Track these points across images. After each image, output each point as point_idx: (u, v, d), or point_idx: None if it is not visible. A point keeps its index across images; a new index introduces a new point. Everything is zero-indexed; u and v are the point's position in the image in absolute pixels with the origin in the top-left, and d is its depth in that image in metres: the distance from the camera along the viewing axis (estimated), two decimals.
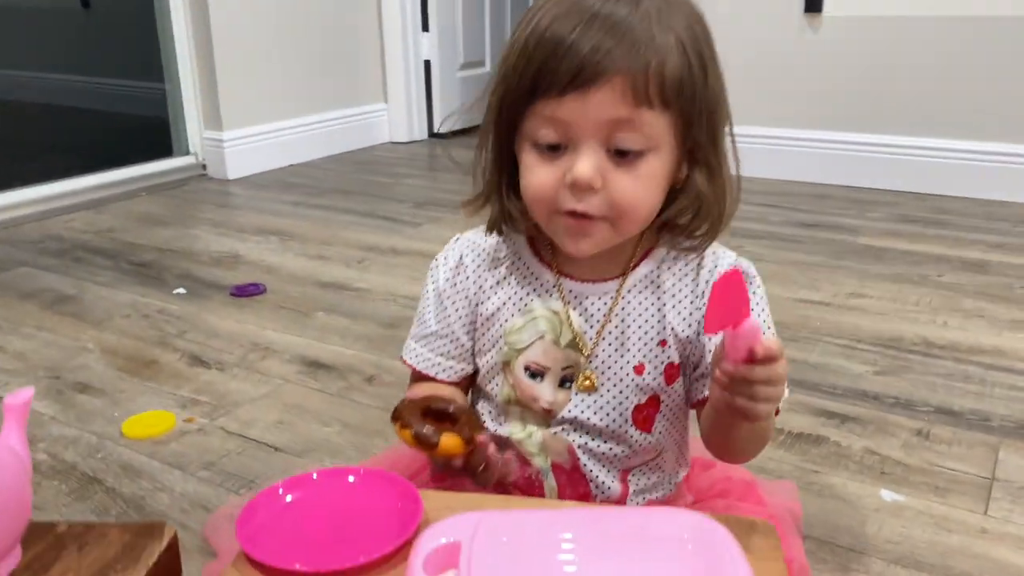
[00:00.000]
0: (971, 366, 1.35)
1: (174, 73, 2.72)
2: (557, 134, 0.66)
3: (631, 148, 0.65)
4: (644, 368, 0.75)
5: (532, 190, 0.69)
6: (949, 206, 2.25)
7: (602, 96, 0.63)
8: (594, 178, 0.64)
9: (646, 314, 0.75)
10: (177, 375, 1.38)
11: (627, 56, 0.62)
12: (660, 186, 0.68)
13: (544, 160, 0.67)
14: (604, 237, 0.69)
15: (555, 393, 0.76)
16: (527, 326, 0.75)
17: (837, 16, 2.38)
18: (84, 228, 2.21)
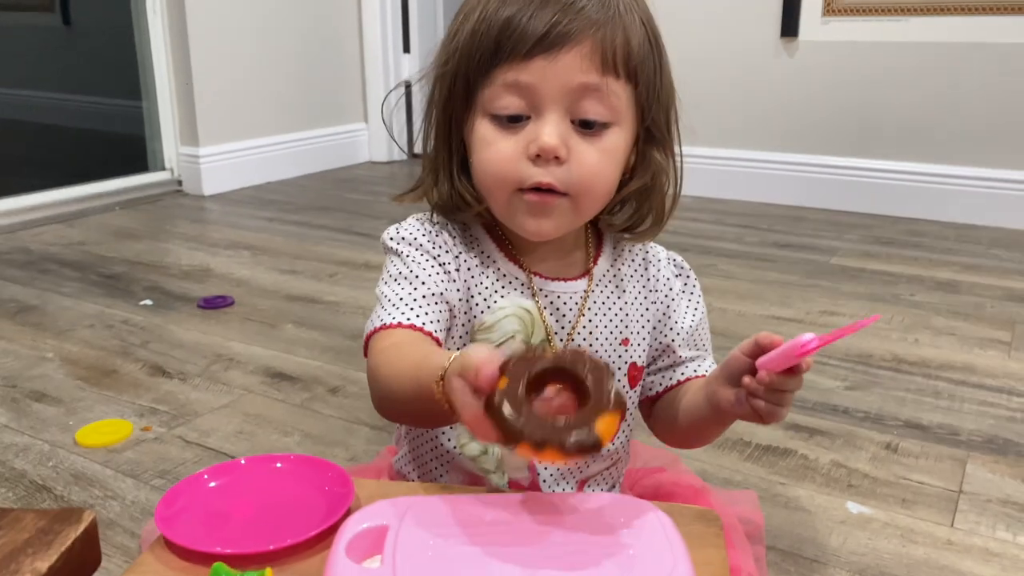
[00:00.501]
0: (940, 382, 1.35)
1: (152, 90, 2.71)
2: (520, 102, 0.63)
3: (597, 119, 0.63)
4: None
5: (492, 165, 0.65)
6: (922, 229, 2.26)
7: (571, 59, 0.61)
8: (560, 147, 0.62)
9: (610, 313, 0.74)
10: (137, 385, 1.35)
11: (597, 21, 0.61)
12: (620, 163, 0.67)
13: (504, 132, 0.64)
14: (565, 217, 0.66)
15: None
16: (497, 325, 0.69)
17: (812, 41, 2.41)
18: (54, 241, 2.18)
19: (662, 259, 0.78)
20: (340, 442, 1.17)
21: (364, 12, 3.15)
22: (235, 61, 2.74)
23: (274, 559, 0.45)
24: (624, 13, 0.63)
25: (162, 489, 1.05)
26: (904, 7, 2.26)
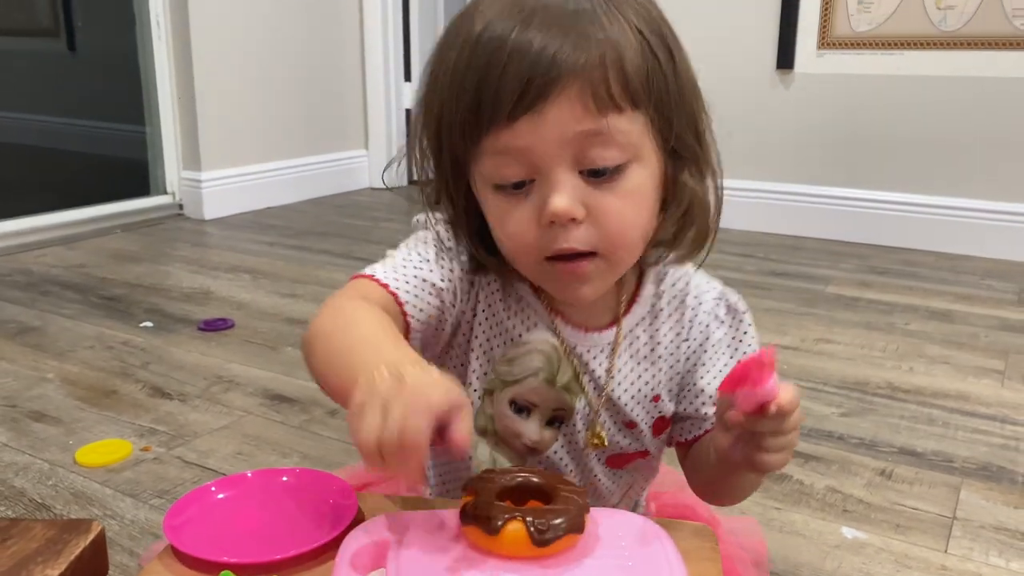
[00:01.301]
0: (935, 409, 1.36)
1: (155, 114, 2.74)
2: (518, 168, 0.56)
3: (608, 166, 0.55)
4: (636, 425, 0.69)
5: (509, 240, 0.59)
6: (918, 259, 2.28)
7: (559, 110, 0.53)
8: (572, 208, 0.55)
9: (639, 368, 0.68)
10: (137, 405, 1.35)
11: (578, 55, 0.53)
12: (650, 200, 0.59)
13: (512, 202, 0.57)
14: (602, 278, 0.60)
15: (541, 432, 0.67)
16: (520, 359, 0.66)
17: (808, 73, 2.44)
18: (55, 263, 2.20)
19: (705, 302, 0.69)
20: (338, 464, 1.17)
21: (366, 39, 3.19)
22: (238, 87, 2.77)
23: (279, 569, 0.46)
24: (610, 31, 0.54)
25: (161, 509, 1.06)
26: (898, 41, 2.30)
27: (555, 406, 0.67)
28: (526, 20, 0.53)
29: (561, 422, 0.67)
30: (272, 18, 2.83)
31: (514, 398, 0.66)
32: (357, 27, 3.17)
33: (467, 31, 0.56)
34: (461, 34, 0.56)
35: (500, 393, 0.66)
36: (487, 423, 0.67)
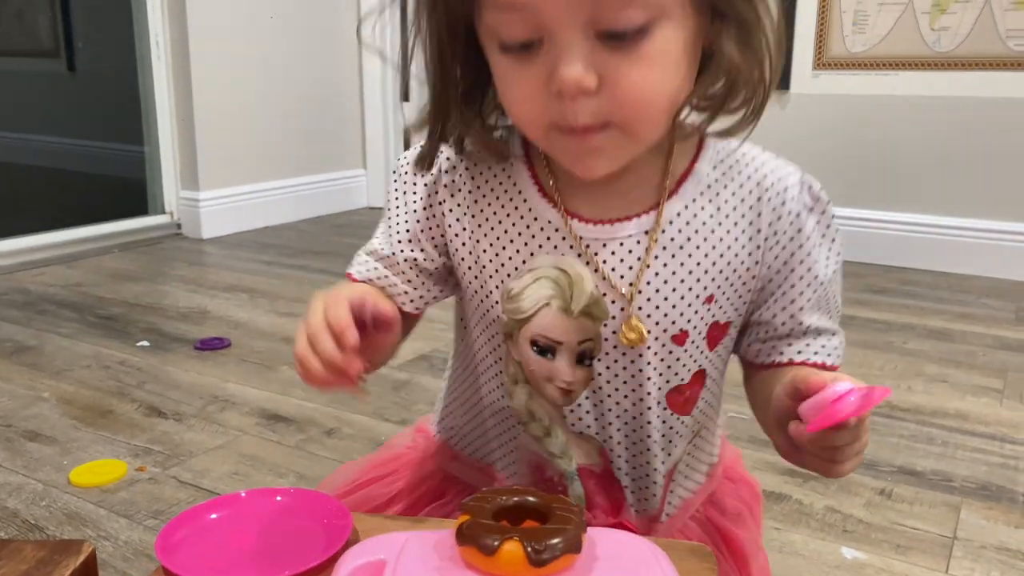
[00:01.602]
0: (934, 428, 1.35)
1: (154, 134, 2.74)
2: (523, 27, 0.49)
3: (627, 28, 0.47)
4: (687, 336, 0.59)
5: (515, 107, 0.53)
6: (915, 278, 2.29)
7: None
8: (584, 78, 0.48)
9: (690, 263, 0.58)
10: (132, 425, 1.35)
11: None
12: (680, 64, 0.51)
13: (519, 64, 0.50)
14: (620, 149, 0.53)
15: (573, 371, 0.60)
16: (527, 291, 0.59)
17: (804, 94, 2.45)
18: (52, 282, 2.19)
19: (790, 187, 0.59)
20: None
21: (364, 60, 3.21)
22: (236, 107, 2.78)
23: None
24: None
25: (155, 529, 1.05)
26: (893, 61, 2.31)
27: (580, 338, 0.59)
28: None
29: (591, 357, 0.60)
30: (271, 39, 2.85)
31: (533, 338, 0.60)
32: (355, 47, 3.19)
33: None
34: None
35: (518, 334, 0.60)
36: (516, 371, 0.62)
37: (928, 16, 2.23)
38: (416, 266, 0.64)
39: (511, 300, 0.60)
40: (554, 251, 0.59)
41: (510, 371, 0.63)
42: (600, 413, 0.62)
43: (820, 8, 2.36)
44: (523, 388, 0.63)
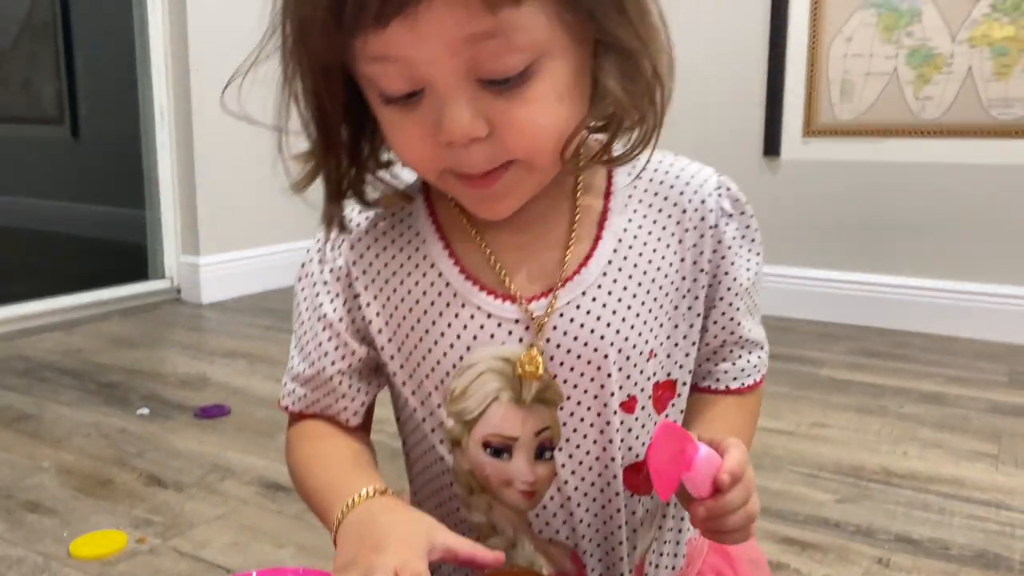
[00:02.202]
0: (930, 495, 1.36)
1: (155, 199, 2.78)
2: (402, 80, 0.47)
3: (508, 74, 0.46)
4: (636, 401, 0.58)
5: (406, 154, 0.52)
6: (909, 341, 2.31)
7: (439, 13, 0.43)
8: (473, 127, 0.47)
9: (629, 315, 0.56)
10: (133, 495, 1.35)
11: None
12: (567, 98, 0.49)
13: (404, 113, 0.49)
14: (523, 187, 0.52)
15: (534, 469, 0.57)
16: (472, 388, 0.56)
17: (794, 160, 2.51)
18: (53, 348, 2.20)
19: (707, 198, 0.59)
20: (334, 555, 1.17)
21: None
22: (238, 172, 2.82)
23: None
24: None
25: None
26: (880, 129, 2.37)
27: (537, 428, 0.56)
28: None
29: (551, 448, 0.57)
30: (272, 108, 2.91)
31: (485, 439, 0.57)
32: None
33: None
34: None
35: (467, 438, 0.57)
36: (470, 481, 0.59)
37: (912, 86, 2.30)
38: (347, 372, 0.61)
39: (454, 401, 0.57)
40: (490, 341, 0.55)
41: (463, 482, 0.59)
42: (568, 513, 0.59)
43: (808, 78, 2.43)
44: (481, 498, 0.59)
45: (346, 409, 0.62)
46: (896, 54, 2.31)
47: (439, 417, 0.58)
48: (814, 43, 2.40)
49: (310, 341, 0.61)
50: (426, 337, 0.57)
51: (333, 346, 0.60)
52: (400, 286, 0.58)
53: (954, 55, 2.23)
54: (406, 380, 0.60)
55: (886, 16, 2.30)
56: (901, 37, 2.29)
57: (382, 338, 0.59)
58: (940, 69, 2.26)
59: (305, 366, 0.62)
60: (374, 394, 0.64)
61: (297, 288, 0.64)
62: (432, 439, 0.60)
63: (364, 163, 0.57)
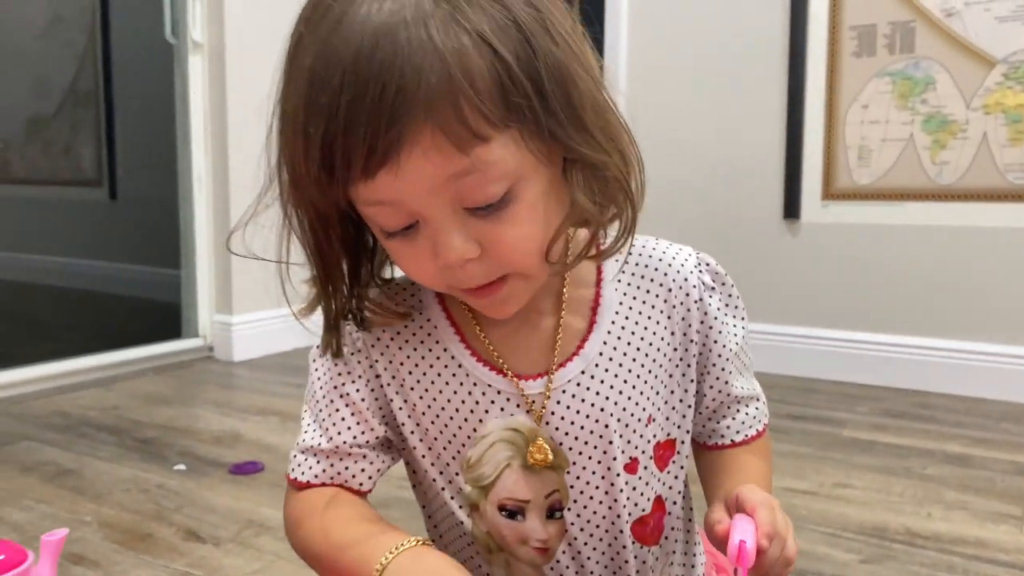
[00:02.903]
0: (954, 556, 1.37)
1: (191, 260, 2.87)
2: (397, 216, 0.53)
3: (490, 201, 0.51)
4: (638, 462, 0.64)
5: (412, 275, 0.57)
6: (933, 402, 2.32)
7: (419, 161, 0.48)
8: (465, 250, 0.52)
9: (626, 388, 0.62)
10: (172, 549, 1.39)
11: (421, 94, 0.46)
12: (546, 211, 0.54)
13: (405, 243, 0.55)
14: (521, 292, 0.57)
15: (546, 528, 0.63)
16: (485, 457, 0.62)
17: (814, 223, 2.56)
18: (91, 404, 2.27)
19: (689, 276, 0.65)
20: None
21: None
22: (272, 233, 2.91)
23: None
24: (448, 50, 0.47)
25: None
26: (898, 193, 2.42)
27: (546, 491, 0.62)
28: (352, 70, 0.47)
29: (560, 508, 0.63)
30: None
31: (501, 503, 0.63)
32: None
33: (300, 59, 0.51)
34: (295, 56, 0.52)
35: (484, 503, 0.63)
36: (488, 541, 0.64)
37: (929, 151, 2.35)
38: (364, 446, 0.65)
39: (471, 469, 0.63)
40: (501, 413, 0.61)
41: (481, 542, 0.64)
42: (579, 565, 0.64)
43: (826, 144, 2.49)
44: (500, 556, 0.64)
45: (362, 474, 0.66)
46: (912, 120, 2.37)
47: (458, 484, 0.64)
48: (831, 110, 2.47)
49: (329, 417, 0.65)
50: (442, 413, 0.63)
51: (355, 422, 0.65)
52: (415, 368, 0.64)
53: (969, 121, 2.29)
54: (425, 453, 0.65)
55: (901, 84, 2.37)
56: (916, 104, 2.35)
57: (402, 415, 0.65)
58: (955, 135, 2.31)
59: (324, 440, 0.65)
60: (388, 466, 0.68)
61: (313, 368, 0.68)
62: (451, 506, 0.65)
63: (365, 287, 0.62)
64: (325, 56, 0.49)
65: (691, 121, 2.68)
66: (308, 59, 0.50)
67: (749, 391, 0.72)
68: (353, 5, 0.49)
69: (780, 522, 0.56)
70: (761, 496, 0.58)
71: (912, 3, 2.33)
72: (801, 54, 2.49)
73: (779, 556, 0.56)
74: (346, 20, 0.48)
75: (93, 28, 4.21)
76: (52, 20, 4.30)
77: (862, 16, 2.41)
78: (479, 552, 0.66)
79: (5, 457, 1.84)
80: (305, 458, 0.66)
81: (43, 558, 0.56)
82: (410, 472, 0.70)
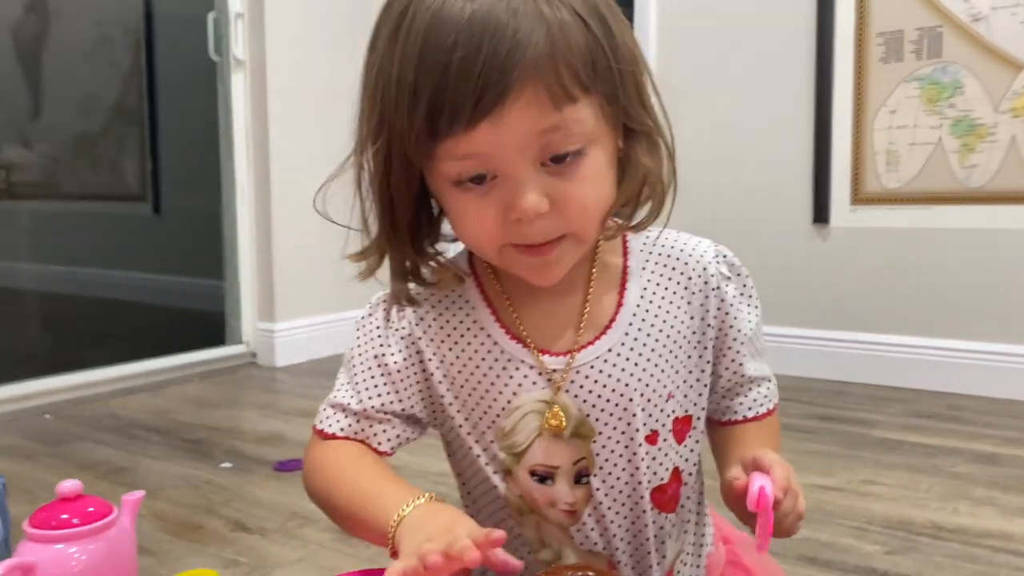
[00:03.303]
0: (978, 548, 1.40)
1: (234, 270, 2.97)
2: (478, 167, 0.57)
3: (568, 151, 0.57)
4: (658, 435, 0.69)
5: (473, 237, 0.62)
6: (963, 403, 2.33)
7: (519, 112, 0.54)
8: (540, 204, 0.57)
9: (648, 366, 0.68)
10: (221, 539, 1.47)
11: (529, 53, 0.53)
12: (608, 177, 0.62)
13: (473, 196, 0.59)
14: (570, 254, 0.63)
15: (573, 492, 0.68)
16: (518, 426, 0.67)
17: (843, 227, 2.58)
18: (141, 407, 2.37)
19: (708, 265, 0.71)
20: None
21: None
22: (311, 244, 3.00)
23: None
24: (552, 19, 0.54)
25: None
26: (927, 197, 2.44)
27: (574, 458, 0.68)
28: (468, 24, 0.53)
29: (587, 474, 0.68)
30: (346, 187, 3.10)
31: (532, 468, 0.68)
32: None
33: (407, 45, 0.55)
34: (402, 46, 0.55)
35: (516, 468, 0.68)
36: (520, 504, 0.70)
37: (957, 155, 2.37)
38: (391, 413, 0.70)
39: (505, 437, 0.68)
40: (532, 387, 0.67)
41: (514, 505, 0.70)
42: (604, 528, 0.70)
43: (854, 149, 2.52)
44: (531, 518, 0.70)
45: (383, 435, 0.71)
46: (940, 124, 2.39)
47: (492, 451, 0.69)
48: (859, 116, 2.50)
49: (363, 381, 0.71)
50: (479, 386, 0.69)
51: (387, 390, 0.70)
52: (455, 346, 0.69)
53: (997, 124, 2.31)
54: (463, 423, 0.70)
55: (929, 89, 2.39)
56: (944, 108, 2.38)
57: (442, 387, 0.70)
58: (984, 138, 2.33)
59: (355, 402, 0.71)
60: (409, 437, 0.73)
61: (355, 336, 0.73)
62: (487, 471, 0.70)
63: (423, 249, 0.68)
64: (440, 19, 0.54)
65: (721, 129, 2.72)
66: (420, 24, 0.54)
67: (761, 372, 0.77)
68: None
69: (794, 479, 0.62)
70: (775, 456, 0.64)
71: (939, 8, 2.36)
72: (828, 61, 2.53)
73: (792, 509, 0.61)
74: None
75: (138, 47, 4.36)
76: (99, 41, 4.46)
77: (889, 22, 2.44)
78: (511, 515, 0.71)
79: (63, 456, 1.94)
80: (334, 412, 0.72)
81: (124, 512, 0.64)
82: (445, 443, 0.76)
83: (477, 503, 0.74)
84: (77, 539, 0.69)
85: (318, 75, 2.97)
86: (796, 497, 0.62)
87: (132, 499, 0.66)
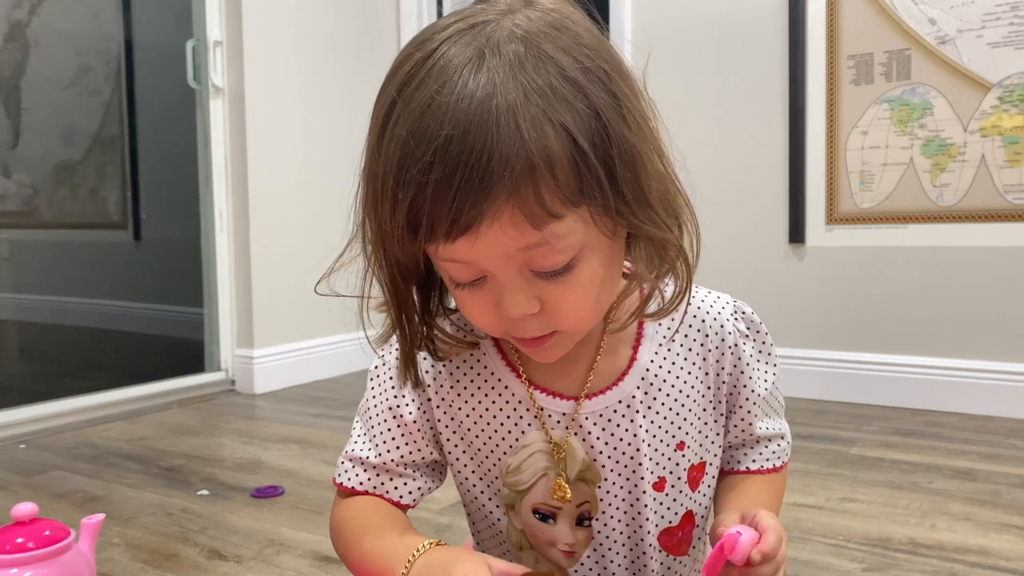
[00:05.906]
0: (956, 564, 1.40)
1: (213, 297, 2.96)
2: (470, 272, 0.57)
3: (555, 268, 0.56)
4: (666, 482, 0.69)
5: (473, 320, 0.62)
6: (941, 420, 2.34)
7: (496, 234, 0.53)
8: (527, 307, 0.57)
9: (657, 418, 0.68)
10: (196, 567, 1.45)
11: (506, 177, 0.50)
12: (605, 279, 0.59)
13: (472, 293, 0.59)
14: (568, 342, 0.62)
15: (574, 533, 0.69)
16: (525, 464, 0.68)
17: (819, 246, 2.61)
18: (118, 436, 2.34)
19: (725, 322, 0.70)
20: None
21: None
22: (290, 272, 3.00)
23: None
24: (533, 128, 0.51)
25: None
26: (900, 216, 2.47)
27: (578, 501, 0.68)
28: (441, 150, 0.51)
29: (589, 517, 0.68)
30: (322, 214, 3.11)
31: (535, 506, 0.68)
32: None
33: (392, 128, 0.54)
34: (387, 124, 0.54)
35: (520, 504, 0.69)
36: (520, 539, 0.70)
37: (929, 174, 2.41)
38: (411, 465, 0.71)
39: (511, 474, 0.68)
40: (541, 428, 0.67)
41: (514, 539, 0.71)
42: (603, 568, 0.70)
43: (828, 169, 2.55)
44: (529, 553, 0.71)
45: (404, 488, 0.71)
46: (911, 144, 2.43)
47: (496, 487, 0.70)
48: (831, 137, 2.53)
49: (381, 434, 0.71)
50: (487, 427, 0.69)
51: (404, 442, 0.71)
52: (464, 390, 0.70)
53: (967, 144, 2.35)
54: (467, 462, 0.71)
55: (899, 110, 2.43)
56: (915, 129, 2.41)
57: (447, 431, 0.71)
58: (954, 158, 2.37)
59: (373, 455, 0.71)
60: (430, 488, 0.73)
61: (369, 386, 0.74)
62: (489, 506, 0.71)
63: (434, 316, 0.67)
64: (418, 133, 0.52)
65: (697, 150, 2.75)
66: (401, 131, 0.53)
67: (774, 431, 0.77)
68: (447, 83, 0.52)
69: (782, 552, 0.61)
70: (776, 524, 0.63)
71: (907, 31, 2.40)
72: (801, 84, 2.56)
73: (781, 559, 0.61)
74: (440, 99, 0.51)
75: (118, 76, 4.36)
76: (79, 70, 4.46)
77: (859, 46, 2.48)
78: (510, 550, 0.72)
79: (37, 486, 1.91)
80: (352, 466, 0.72)
81: (83, 537, 0.63)
82: (453, 472, 0.76)
83: (480, 534, 0.76)
84: (32, 563, 0.68)
85: (297, 103, 2.98)
86: (777, 568, 0.60)
87: (91, 523, 0.65)
